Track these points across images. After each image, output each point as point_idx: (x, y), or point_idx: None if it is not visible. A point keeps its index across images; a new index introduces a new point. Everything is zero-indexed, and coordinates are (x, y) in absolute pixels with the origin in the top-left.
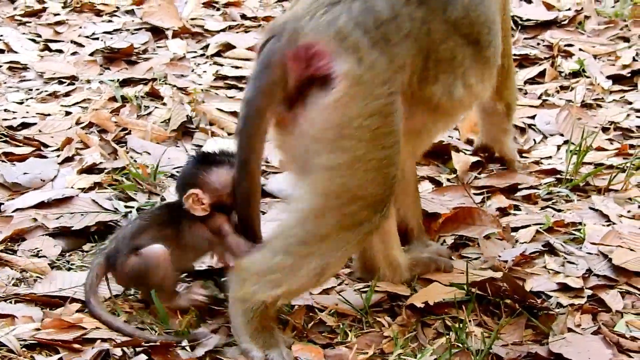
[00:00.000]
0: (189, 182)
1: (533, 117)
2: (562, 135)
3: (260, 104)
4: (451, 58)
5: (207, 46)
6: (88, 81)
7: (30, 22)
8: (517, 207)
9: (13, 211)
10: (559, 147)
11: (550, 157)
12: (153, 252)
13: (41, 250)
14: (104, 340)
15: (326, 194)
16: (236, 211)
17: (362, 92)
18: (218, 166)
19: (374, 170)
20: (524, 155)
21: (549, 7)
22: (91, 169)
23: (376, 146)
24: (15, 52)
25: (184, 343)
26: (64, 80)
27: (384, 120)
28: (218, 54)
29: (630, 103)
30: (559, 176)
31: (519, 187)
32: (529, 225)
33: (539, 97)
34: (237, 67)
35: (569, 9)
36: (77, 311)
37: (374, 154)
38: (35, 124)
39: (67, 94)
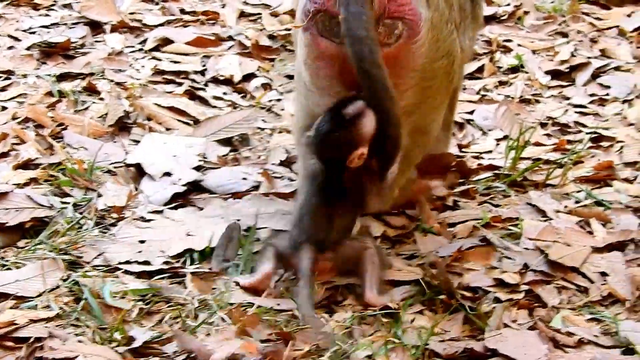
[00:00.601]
0: (347, 147)
1: (472, 113)
2: (501, 130)
3: (374, 37)
4: (462, 7)
5: (145, 41)
6: (24, 76)
7: None
8: (455, 203)
9: None
10: (498, 142)
11: (489, 152)
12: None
13: None
14: (38, 339)
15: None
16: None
17: (436, 36)
18: (361, 116)
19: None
20: (463, 150)
21: (488, 2)
22: (27, 165)
23: (447, 86)
24: None
25: None
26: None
27: (449, 57)
28: (156, 48)
29: (568, 98)
30: (497, 171)
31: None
32: (466, 221)
33: (478, 93)
34: (175, 62)
35: (508, 4)
36: (11, 308)
37: (444, 95)
38: None
39: (2, 89)
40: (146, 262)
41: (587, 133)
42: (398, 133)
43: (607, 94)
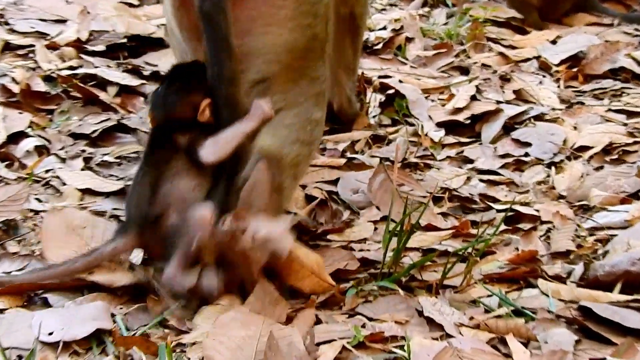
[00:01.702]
0: (196, 94)
1: (335, 183)
2: (378, 209)
3: None
4: None
5: None
6: None
7: None
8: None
9: None
10: (374, 225)
11: (361, 241)
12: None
13: None
14: None
15: None
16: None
17: None
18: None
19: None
20: (329, 237)
21: None
22: None
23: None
24: None
25: None
26: None
27: None
28: None
29: (471, 161)
30: (373, 268)
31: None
32: (331, 340)
33: (343, 154)
34: None
35: (384, 28)
36: None
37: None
38: None
39: None
40: None
41: (498, 211)
42: (234, 84)
43: (526, 154)
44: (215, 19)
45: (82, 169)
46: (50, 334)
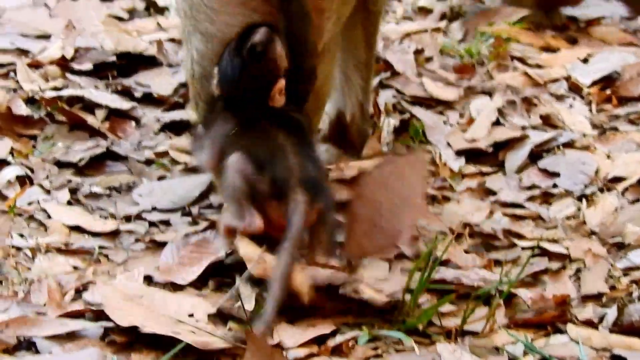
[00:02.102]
0: (266, 80)
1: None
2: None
3: None
4: None
5: None
6: None
7: None
8: None
9: None
10: (389, 264)
11: (375, 281)
12: None
13: None
14: None
15: None
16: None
17: None
18: (270, 43)
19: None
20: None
21: None
22: None
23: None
24: None
25: None
26: None
27: None
28: None
29: (494, 193)
30: (387, 313)
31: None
32: None
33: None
34: None
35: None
36: None
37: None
38: None
39: None
40: None
41: (524, 248)
42: (313, 61)
43: (555, 186)
44: None
45: (69, 202)
46: None
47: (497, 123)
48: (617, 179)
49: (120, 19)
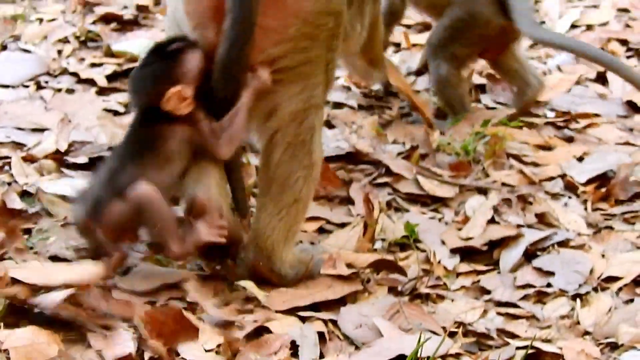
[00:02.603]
0: (162, 81)
1: (334, 320)
2: None
3: None
4: None
5: None
6: None
7: None
8: None
9: None
10: None
11: None
12: (142, 191)
13: None
14: None
15: None
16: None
17: None
18: (185, 51)
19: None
20: None
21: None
22: None
23: (326, 57)
24: None
25: None
26: None
27: (336, 20)
28: None
29: (488, 292)
30: None
31: None
32: None
33: (346, 280)
34: None
35: (396, 141)
36: None
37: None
38: None
39: None
40: None
41: (518, 348)
42: (234, 75)
43: (549, 285)
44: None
45: None
46: None
47: (492, 221)
48: (612, 279)
49: (115, 113)
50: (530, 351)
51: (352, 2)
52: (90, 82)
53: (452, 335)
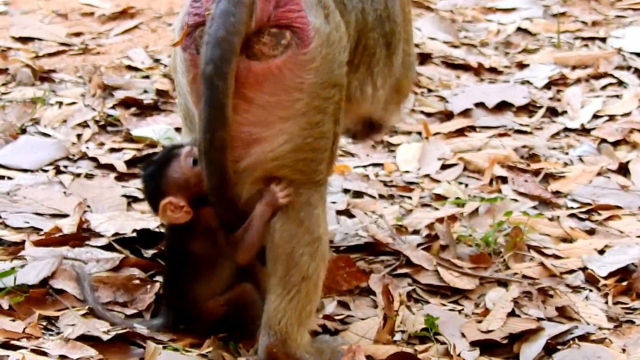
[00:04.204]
0: (151, 196)
1: None
2: None
3: (235, 43)
4: (372, 52)
5: None
6: None
7: None
8: None
9: None
10: None
11: None
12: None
13: None
14: None
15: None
16: (214, 177)
17: (331, 55)
18: (171, 160)
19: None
20: None
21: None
22: None
23: (332, 119)
24: None
25: None
26: None
27: (340, 92)
28: None
29: None
30: None
31: None
32: None
33: None
34: None
35: (417, 232)
36: None
37: (328, 126)
38: None
39: None
40: None
41: None
42: (221, 172)
43: None
44: (215, 84)
45: None
46: None
47: (512, 314)
48: None
49: (135, 198)
50: None
51: (358, 67)
52: (110, 167)
53: None
